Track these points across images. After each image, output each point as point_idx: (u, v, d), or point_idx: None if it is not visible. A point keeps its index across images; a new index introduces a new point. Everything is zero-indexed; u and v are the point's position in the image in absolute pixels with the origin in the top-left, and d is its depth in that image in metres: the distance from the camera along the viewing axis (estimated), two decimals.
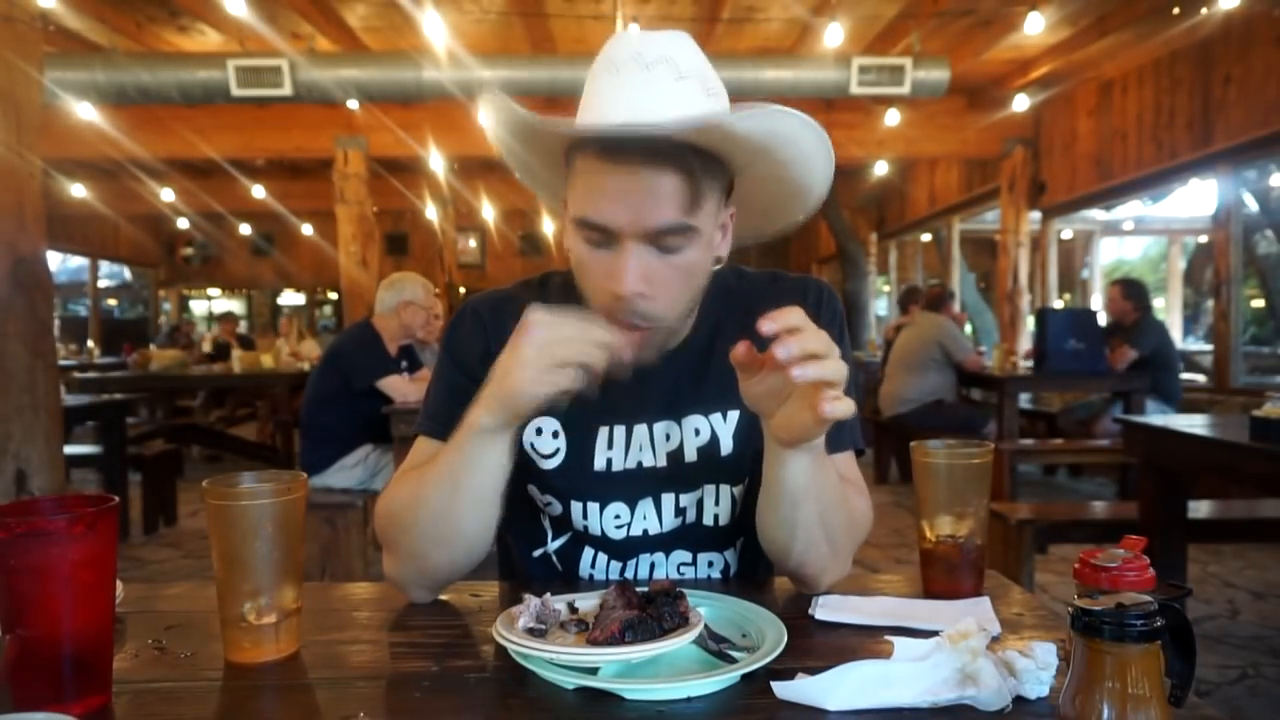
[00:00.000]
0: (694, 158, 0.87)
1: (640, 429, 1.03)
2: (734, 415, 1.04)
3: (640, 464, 1.03)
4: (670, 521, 1.05)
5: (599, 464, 1.03)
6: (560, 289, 1.08)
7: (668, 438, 1.03)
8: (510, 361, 0.82)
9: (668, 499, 1.04)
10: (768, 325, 0.75)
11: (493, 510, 0.91)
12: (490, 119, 0.96)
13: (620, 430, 1.03)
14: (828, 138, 0.90)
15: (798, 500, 0.88)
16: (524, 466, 1.03)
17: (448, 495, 0.89)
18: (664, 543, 1.06)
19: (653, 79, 0.89)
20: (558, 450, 1.04)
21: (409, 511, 0.93)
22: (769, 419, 0.84)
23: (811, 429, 0.80)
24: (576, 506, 1.04)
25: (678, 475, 1.03)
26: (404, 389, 3.39)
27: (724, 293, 1.06)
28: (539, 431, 1.04)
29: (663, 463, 1.03)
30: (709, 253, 0.95)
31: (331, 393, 3.43)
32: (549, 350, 0.80)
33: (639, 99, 0.88)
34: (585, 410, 1.00)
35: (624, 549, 1.06)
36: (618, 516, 1.04)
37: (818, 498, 0.89)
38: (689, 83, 0.90)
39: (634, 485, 1.03)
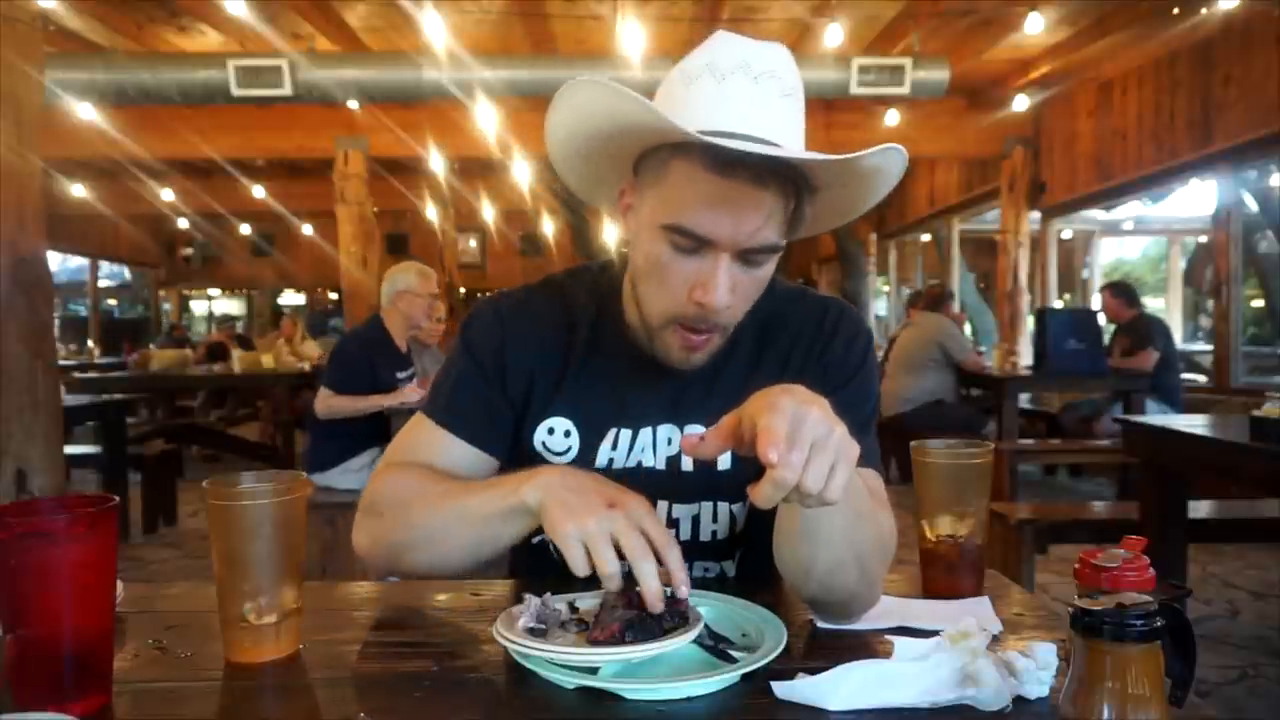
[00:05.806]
0: (799, 180, 0.87)
1: (645, 431, 1.03)
2: None
3: (640, 464, 1.03)
4: None
5: (600, 462, 1.03)
6: (590, 292, 1.07)
7: (669, 441, 1.03)
8: (582, 493, 0.80)
9: (661, 505, 1.02)
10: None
11: (495, 553, 0.92)
12: (576, 104, 0.91)
13: (627, 433, 1.03)
14: (907, 158, 0.88)
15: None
16: (535, 463, 1.02)
17: (460, 534, 0.90)
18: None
19: (761, 92, 0.87)
20: (569, 449, 1.04)
21: (414, 526, 0.93)
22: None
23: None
24: None
25: (674, 485, 1.02)
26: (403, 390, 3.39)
27: None
28: (551, 431, 1.04)
29: (661, 465, 1.03)
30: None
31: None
32: (614, 524, 0.76)
33: (752, 112, 0.86)
34: (600, 412, 1.02)
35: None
36: None
37: (846, 503, 0.76)
38: (791, 100, 0.89)
39: (630, 486, 1.02)
